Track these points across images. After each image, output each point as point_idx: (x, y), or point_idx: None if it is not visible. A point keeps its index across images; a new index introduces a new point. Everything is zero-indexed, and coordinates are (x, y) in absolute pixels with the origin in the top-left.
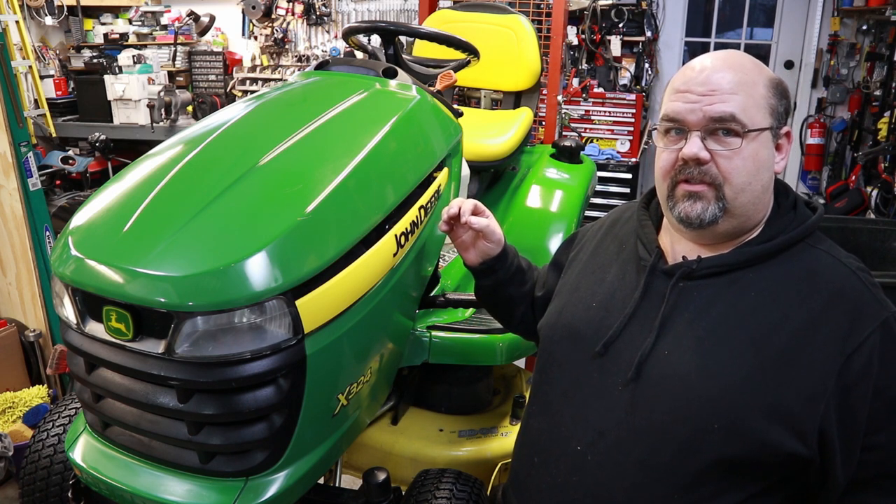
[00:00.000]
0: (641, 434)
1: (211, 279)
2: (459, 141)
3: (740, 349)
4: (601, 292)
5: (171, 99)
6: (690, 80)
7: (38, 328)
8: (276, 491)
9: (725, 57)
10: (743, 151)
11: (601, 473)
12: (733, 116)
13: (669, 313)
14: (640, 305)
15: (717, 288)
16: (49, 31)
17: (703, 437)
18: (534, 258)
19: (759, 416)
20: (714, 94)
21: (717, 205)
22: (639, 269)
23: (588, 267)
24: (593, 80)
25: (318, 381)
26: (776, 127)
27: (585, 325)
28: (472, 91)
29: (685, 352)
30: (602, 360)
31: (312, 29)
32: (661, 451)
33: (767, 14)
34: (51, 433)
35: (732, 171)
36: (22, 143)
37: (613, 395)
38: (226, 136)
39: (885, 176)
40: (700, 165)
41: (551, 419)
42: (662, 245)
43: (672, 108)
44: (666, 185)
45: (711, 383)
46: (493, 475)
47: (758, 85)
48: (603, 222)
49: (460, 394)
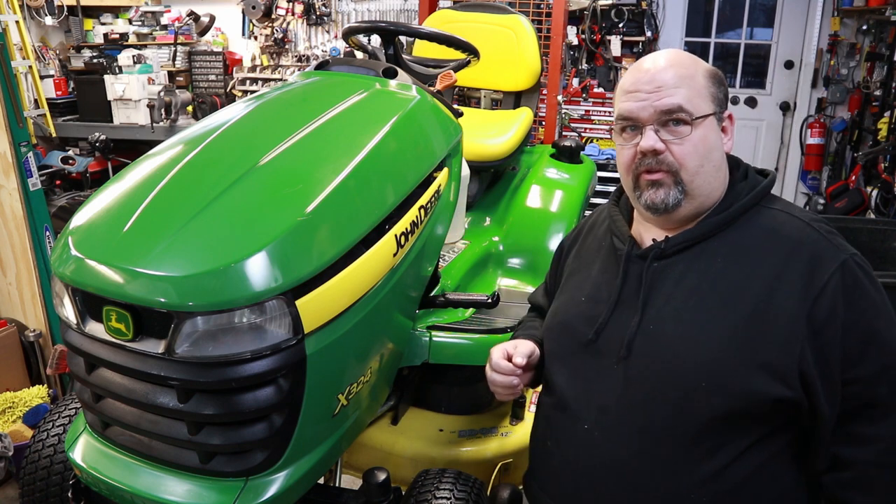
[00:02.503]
0: (638, 404)
1: (211, 279)
2: (459, 141)
3: (715, 311)
4: (587, 287)
5: (171, 99)
6: (638, 81)
7: (38, 328)
8: (276, 491)
9: (666, 56)
10: (693, 137)
11: (609, 446)
12: (680, 107)
13: (648, 292)
14: (623, 291)
15: (688, 261)
16: (49, 31)
17: (693, 396)
18: (534, 258)
19: (742, 369)
20: (660, 90)
21: (677, 189)
22: (617, 259)
23: (574, 269)
24: (593, 80)
25: (318, 381)
26: (719, 112)
27: (577, 318)
28: (472, 91)
29: (667, 323)
30: (596, 346)
31: (312, 29)
32: (658, 417)
33: (767, 14)
34: (51, 433)
35: (685, 156)
36: (22, 143)
37: (609, 374)
38: (226, 136)
39: (885, 176)
40: (657, 155)
41: (559, 405)
42: (635, 235)
43: (625, 108)
44: (630, 178)
45: (693, 346)
46: (493, 475)
47: (697, 76)
48: (580, 229)
49: (460, 394)
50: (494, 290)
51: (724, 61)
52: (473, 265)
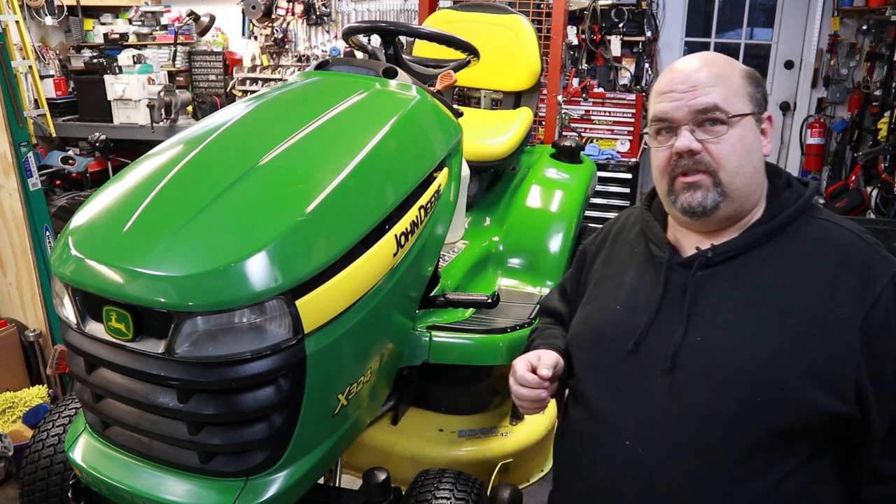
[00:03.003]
0: (687, 419)
1: (211, 279)
2: (459, 141)
3: (769, 322)
4: (622, 295)
5: (171, 99)
6: (672, 81)
7: (38, 328)
8: (276, 491)
9: (700, 56)
10: (730, 137)
11: (653, 463)
12: (716, 106)
13: (694, 302)
14: (664, 300)
15: (735, 270)
16: (49, 31)
17: (748, 411)
18: (534, 258)
19: (799, 383)
20: (695, 89)
21: (716, 190)
22: (655, 267)
23: (603, 275)
24: (593, 80)
25: (318, 381)
26: (757, 112)
27: (613, 327)
28: (472, 91)
29: (718, 334)
30: (636, 358)
31: (312, 29)
32: (710, 432)
33: (767, 14)
34: (51, 433)
35: (724, 155)
36: (22, 143)
37: (652, 387)
38: (226, 136)
39: (885, 176)
40: (693, 156)
41: (595, 419)
42: (672, 241)
43: (659, 109)
44: (665, 181)
45: (748, 359)
46: (493, 475)
47: (733, 76)
48: (606, 233)
49: (460, 394)
50: (494, 290)
51: None
52: (473, 265)
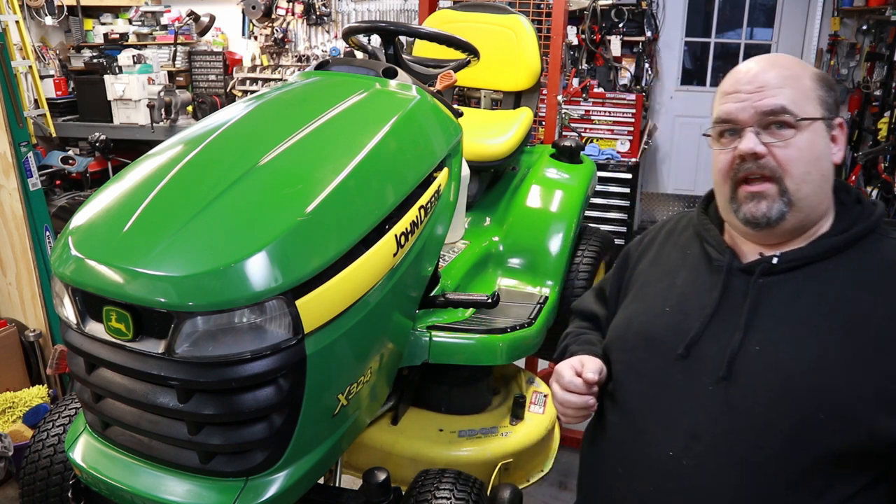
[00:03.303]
0: (742, 432)
1: (211, 279)
2: (459, 141)
3: (836, 338)
4: (673, 297)
5: (171, 99)
6: (738, 82)
7: (38, 328)
8: (276, 491)
9: (768, 57)
10: (798, 141)
11: (701, 477)
12: (784, 108)
13: (754, 309)
14: (720, 305)
15: (800, 281)
16: (49, 31)
17: (809, 429)
18: (534, 258)
19: (867, 404)
20: (762, 90)
21: (782, 200)
22: (712, 270)
23: (651, 276)
24: (593, 80)
25: (318, 381)
26: (828, 118)
27: (661, 329)
28: (472, 91)
29: (780, 345)
30: (686, 363)
31: (312, 29)
32: (766, 448)
33: (767, 14)
34: (51, 433)
35: (790, 161)
36: (22, 143)
37: (704, 397)
38: (226, 136)
39: (885, 176)
40: (757, 160)
41: (634, 427)
42: (730, 245)
43: (723, 110)
44: (727, 187)
45: (813, 374)
46: (493, 475)
47: (803, 78)
48: (655, 235)
49: (460, 394)
50: (494, 290)
51: (724, 61)
52: (473, 265)
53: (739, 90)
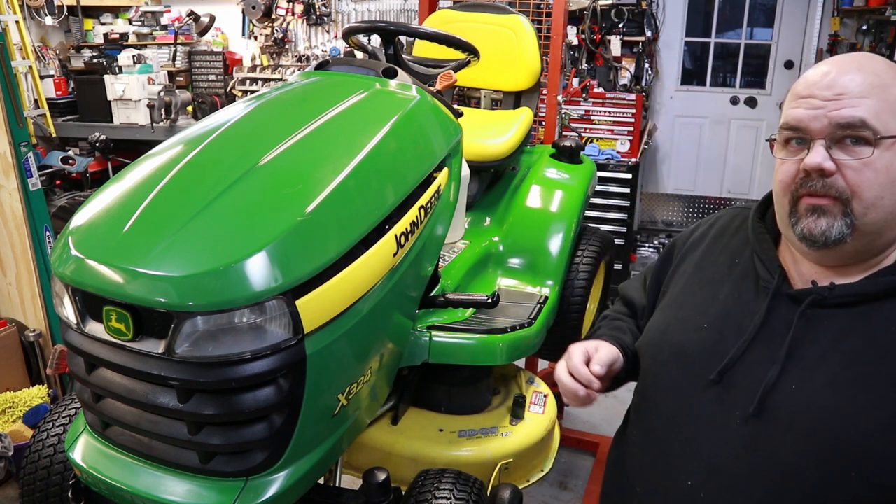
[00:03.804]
0: (763, 474)
1: (211, 279)
2: (459, 141)
3: (882, 390)
4: (713, 312)
5: (171, 99)
6: (814, 85)
7: (38, 328)
8: (276, 491)
9: (854, 59)
10: (875, 162)
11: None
12: (863, 122)
13: (796, 343)
14: (761, 331)
15: (851, 319)
16: (49, 31)
17: (836, 484)
18: (534, 258)
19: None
20: (841, 98)
21: (844, 221)
22: (758, 291)
23: (694, 281)
24: (593, 80)
25: (318, 381)
26: None
27: (696, 347)
28: (472, 91)
29: (818, 388)
30: (717, 389)
31: (312, 29)
32: (786, 493)
33: (767, 14)
34: (51, 433)
35: (862, 183)
36: (22, 143)
37: (731, 430)
38: (226, 136)
39: None
40: (825, 177)
41: (657, 449)
42: (783, 264)
43: (793, 115)
44: (787, 200)
45: (850, 426)
46: (493, 475)
47: (892, 87)
48: (705, 231)
49: (460, 394)
50: (494, 290)
51: (724, 61)
52: (473, 265)
53: (814, 95)
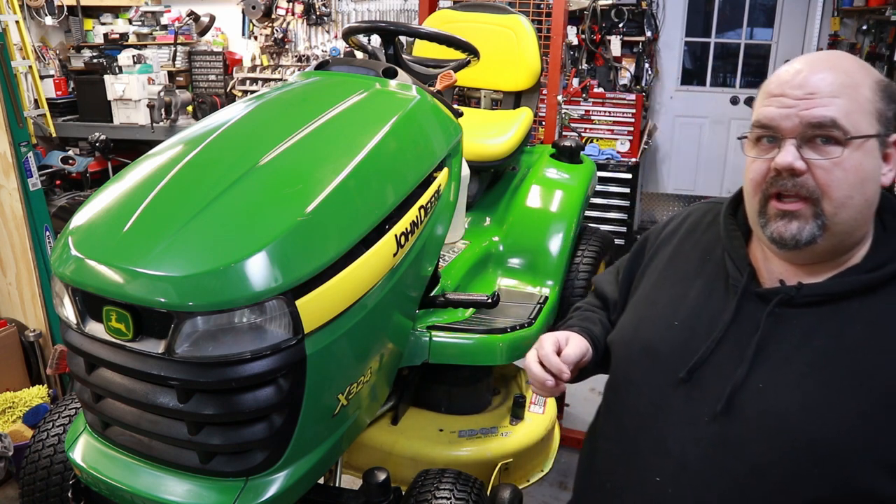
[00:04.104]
0: (729, 472)
1: (211, 279)
2: (459, 141)
3: (847, 388)
4: (684, 310)
5: (171, 99)
6: (786, 83)
7: (38, 328)
8: (276, 491)
9: (826, 57)
10: (844, 162)
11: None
12: (834, 122)
13: (764, 342)
14: (730, 330)
15: (819, 318)
16: (49, 31)
17: (800, 479)
18: (534, 258)
19: (861, 463)
20: (812, 97)
21: (816, 222)
22: (728, 289)
23: (666, 278)
24: (593, 80)
25: (318, 381)
26: (884, 134)
27: (667, 345)
28: (472, 91)
29: (784, 387)
30: (686, 388)
31: (312, 29)
32: (750, 492)
33: (767, 14)
34: (51, 433)
35: (832, 183)
36: (22, 143)
37: (699, 428)
38: (226, 136)
39: None
40: (795, 177)
41: (626, 445)
42: (753, 261)
43: (764, 114)
44: (757, 199)
45: (815, 424)
46: (493, 475)
47: (862, 87)
48: (677, 226)
49: (460, 394)
50: (494, 290)
51: (724, 61)
52: (473, 265)
53: (786, 94)
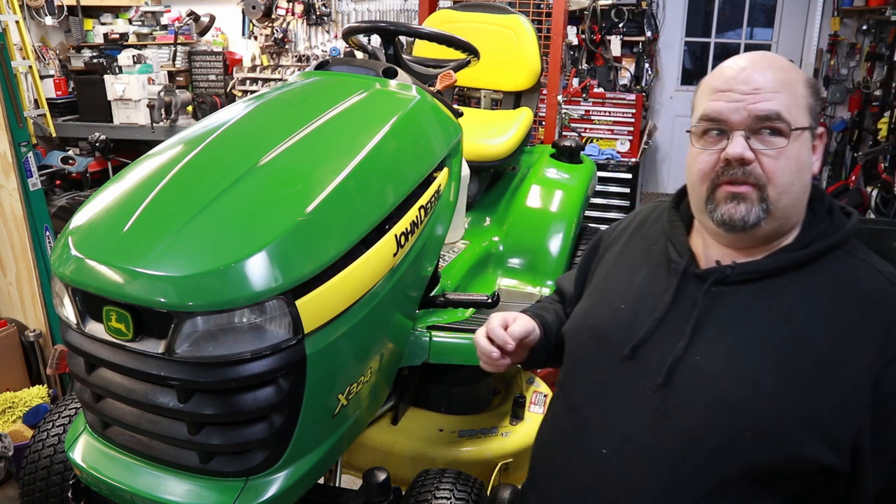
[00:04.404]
0: (670, 440)
1: (211, 279)
2: (459, 141)
3: (775, 357)
4: (630, 294)
5: (171, 99)
6: (732, 80)
7: (38, 328)
8: (276, 491)
9: (763, 57)
10: (788, 151)
11: (627, 478)
12: (778, 115)
13: (702, 318)
14: (671, 309)
15: (751, 294)
16: (49, 31)
17: (734, 444)
18: (534, 258)
19: (794, 426)
20: (758, 92)
21: (761, 206)
22: (669, 272)
23: (615, 268)
24: (593, 80)
25: (318, 381)
26: (814, 127)
27: (613, 327)
28: (472, 91)
29: (718, 358)
30: (630, 364)
31: (312, 29)
32: (691, 458)
33: (767, 14)
34: (51, 433)
35: (777, 171)
36: (22, 143)
37: (642, 400)
38: (226, 136)
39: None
40: (744, 166)
41: (576, 421)
42: (694, 248)
43: (713, 108)
44: (705, 188)
45: (745, 390)
46: (493, 475)
47: (797, 84)
48: (629, 223)
49: (460, 394)
50: (494, 290)
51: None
52: (473, 265)
53: (733, 89)
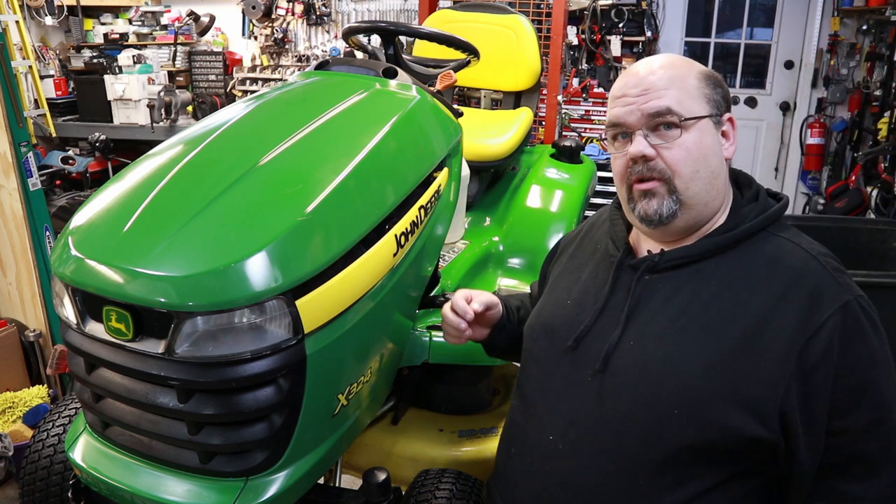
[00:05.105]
0: (608, 423)
1: (211, 279)
2: (459, 141)
3: (701, 336)
4: (576, 290)
5: (171, 99)
6: (626, 85)
7: (38, 328)
8: (276, 491)
9: (656, 59)
10: (684, 141)
11: (572, 462)
12: (669, 109)
13: (635, 306)
14: (609, 300)
15: (681, 279)
16: (49, 31)
17: (665, 423)
18: (534, 258)
19: (720, 402)
20: (648, 92)
21: (671, 198)
22: (609, 266)
23: (566, 269)
24: (593, 80)
25: (318, 381)
26: (716, 115)
27: (560, 321)
28: (472, 91)
29: (649, 341)
30: (575, 354)
31: (312, 29)
32: (626, 439)
33: (767, 14)
34: (51, 433)
35: (678, 161)
36: (22, 143)
37: (583, 387)
38: (226, 136)
39: (885, 176)
40: (647, 161)
41: (527, 411)
42: (632, 242)
43: (613, 114)
44: (624, 188)
45: (672, 370)
46: None
47: (688, 77)
48: (580, 229)
49: (460, 394)
50: (494, 291)
51: (724, 61)
52: (473, 265)
53: (626, 94)
